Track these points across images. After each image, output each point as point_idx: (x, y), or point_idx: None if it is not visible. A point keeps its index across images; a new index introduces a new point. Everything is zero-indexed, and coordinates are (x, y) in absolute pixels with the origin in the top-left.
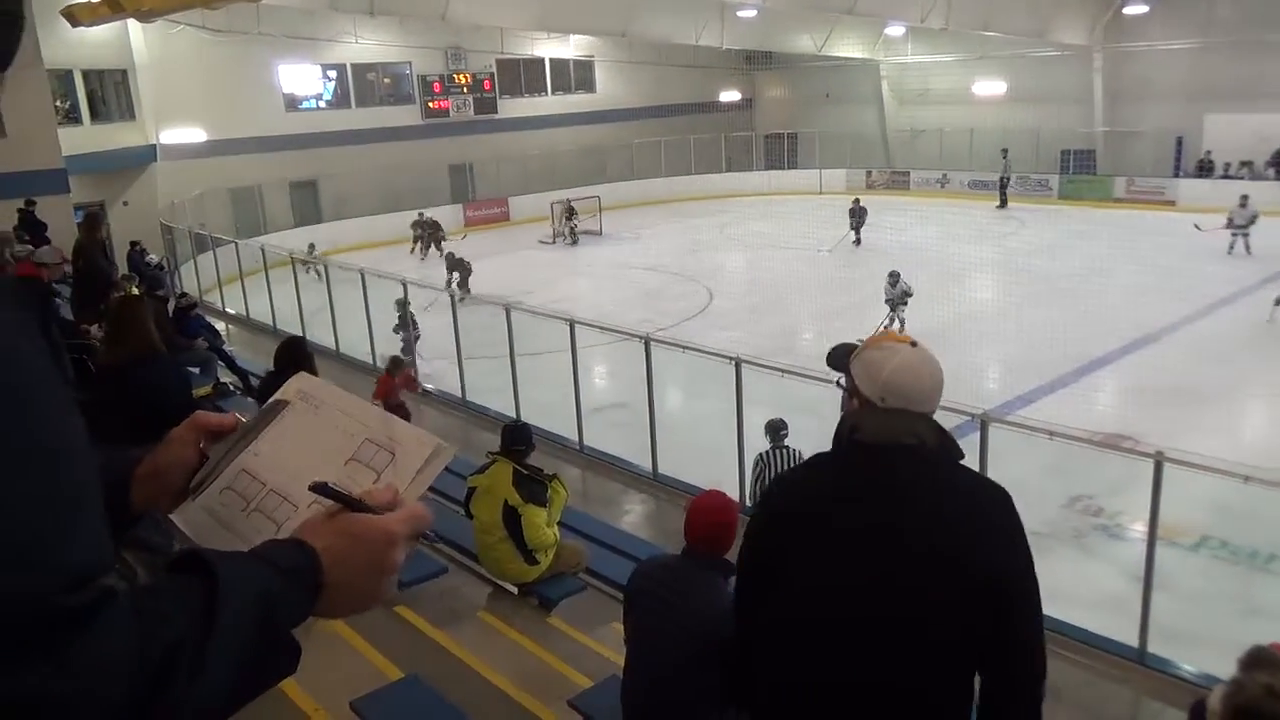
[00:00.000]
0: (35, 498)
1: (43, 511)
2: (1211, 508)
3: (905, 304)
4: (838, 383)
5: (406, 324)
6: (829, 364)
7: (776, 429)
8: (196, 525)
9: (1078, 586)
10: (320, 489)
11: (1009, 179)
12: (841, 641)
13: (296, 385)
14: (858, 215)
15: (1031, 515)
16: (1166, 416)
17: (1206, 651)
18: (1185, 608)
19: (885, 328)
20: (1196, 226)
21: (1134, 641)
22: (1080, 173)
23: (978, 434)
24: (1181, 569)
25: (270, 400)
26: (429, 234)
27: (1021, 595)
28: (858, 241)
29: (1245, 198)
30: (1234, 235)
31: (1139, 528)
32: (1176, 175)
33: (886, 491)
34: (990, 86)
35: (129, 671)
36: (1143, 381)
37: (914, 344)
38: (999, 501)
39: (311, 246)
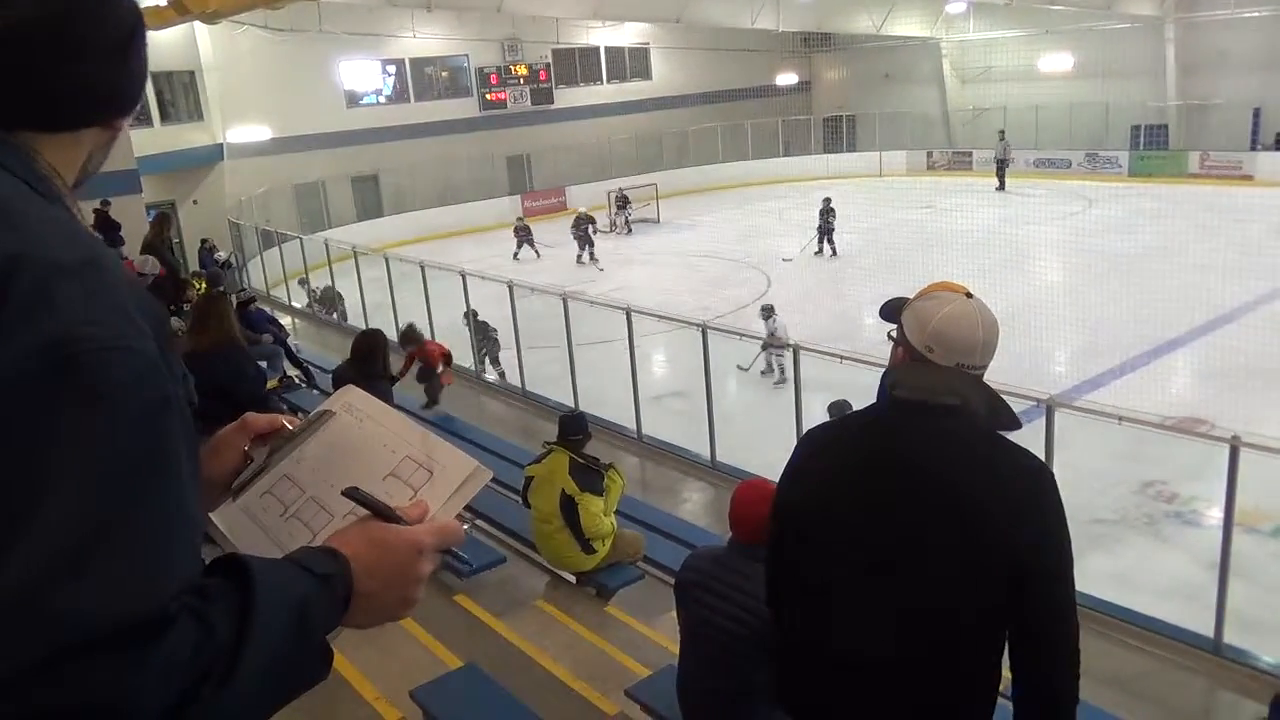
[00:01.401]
0: (169, 519)
1: (172, 531)
2: None
3: (781, 350)
4: (890, 335)
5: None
6: (882, 316)
7: (842, 409)
8: (234, 526)
9: (1150, 574)
10: (353, 494)
11: (1007, 161)
12: (855, 609)
13: (344, 398)
14: (827, 217)
15: (1102, 501)
16: (1244, 399)
17: None
18: (1264, 596)
19: (764, 372)
20: None
21: (1209, 631)
22: (1152, 148)
23: (1044, 419)
24: (1260, 556)
25: (317, 410)
26: (583, 231)
27: (1043, 578)
28: (820, 250)
29: None
30: None
31: (1215, 514)
32: (1254, 149)
33: (915, 452)
34: (1056, 62)
35: (179, 674)
36: (1218, 363)
37: (969, 295)
38: (1029, 476)
39: (304, 281)
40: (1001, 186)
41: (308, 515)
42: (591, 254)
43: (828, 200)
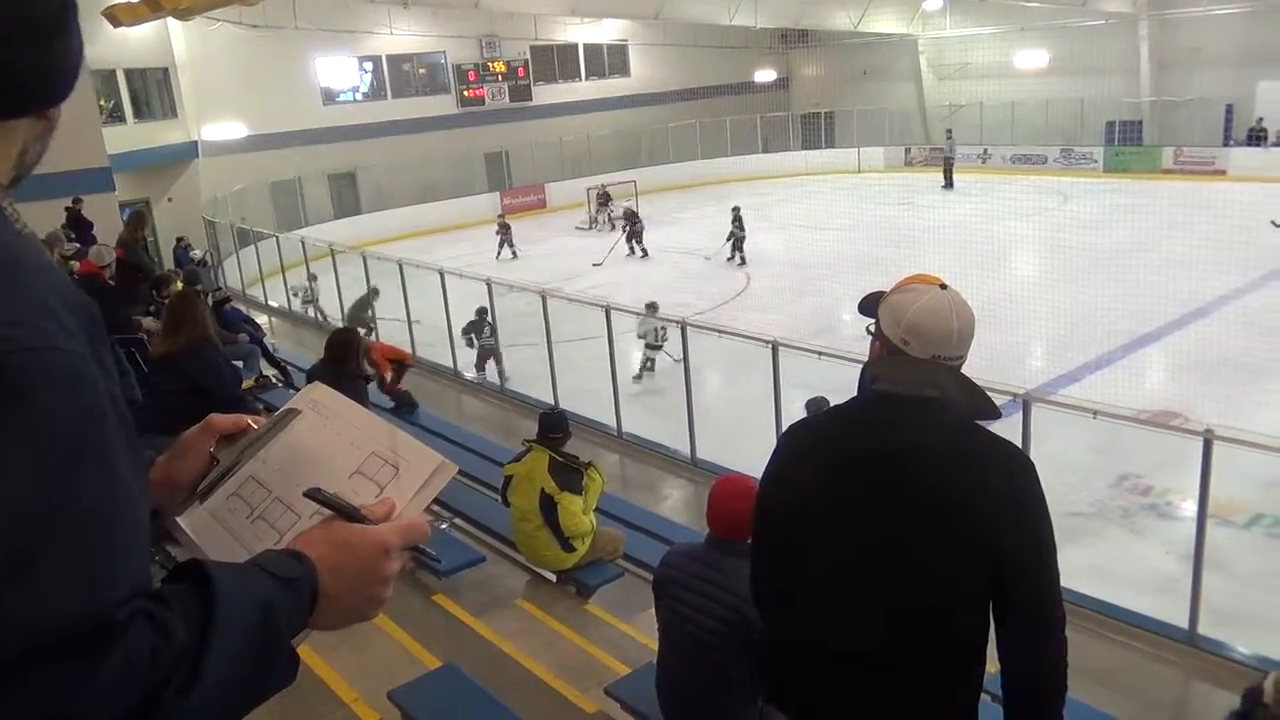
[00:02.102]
0: (110, 519)
1: (115, 531)
2: (1264, 485)
3: (656, 349)
4: (868, 329)
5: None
6: (860, 310)
7: (819, 406)
8: (201, 529)
9: (1126, 567)
10: (315, 495)
11: (954, 159)
12: (839, 605)
13: (310, 395)
14: (736, 225)
15: (1078, 495)
16: (1218, 392)
17: (1260, 632)
18: (1238, 588)
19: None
20: (1275, 224)
21: (1184, 623)
22: (1127, 144)
23: (1021, 414)
24: (1234, 548)
25: (282, 408)
26: (633, 226)
27: (1025, 568)
28: (733, 257)
29: None
30: None
31: (1189, 506)
32: (1226, 144)
33: (896, 446)
34: (1032, 58)
35: (138, 679)
36: (1193, 357)
37: (944, 286)
38: (1010, 468)
39: (314, 277)
40: (949, 184)
41: (274, 516)
42: (642, 248)
43: (737, 209)
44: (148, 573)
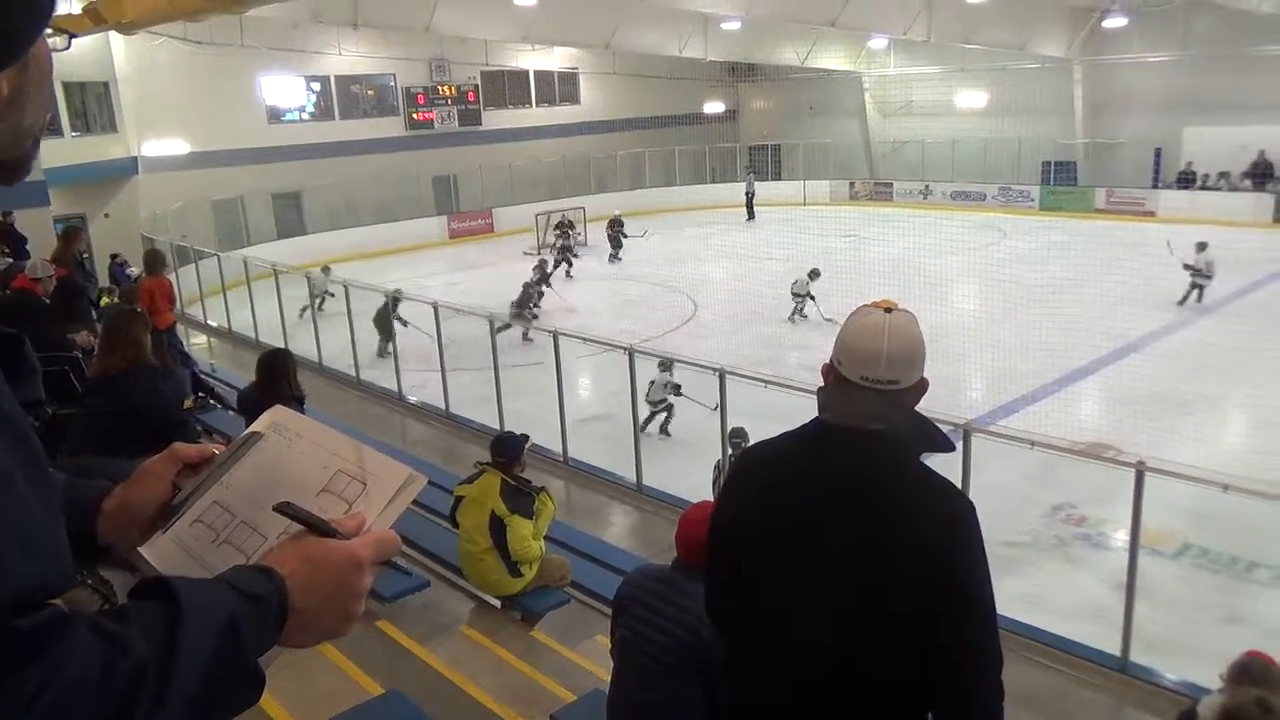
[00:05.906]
0: None
1: None
2: (1192, 515)
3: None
4: None
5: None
6: None
7: (740, 435)
8: (165, 558)
9: (1060, 595)
10: (285, 509)
11: (753, 193)
12: (785, 629)
13: (270, 418)
14: (616, 228)
15: (1014, 524)
16: (1148, 425)
17: (1187, 660)
18: (1166, 616)
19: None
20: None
21: (1115, 650)
22: (1061, 184)
23: (961, 444)
24: (1163, 577)
25: (244, 432)
26: (615, 232)
27: (959, 612)
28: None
29: (1203, 245)
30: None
31: (1121, 536)
32: (1155, 186)
33: (842, 477)
34: (972, 98)
35: (92, 697)
36: (1124, 390)
37: (889, 310)
38: (949, 507)
39: (327, 269)
40: (750, 216)
41: (240, 539)
42: (618, 254)
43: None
44: (49, 576)
